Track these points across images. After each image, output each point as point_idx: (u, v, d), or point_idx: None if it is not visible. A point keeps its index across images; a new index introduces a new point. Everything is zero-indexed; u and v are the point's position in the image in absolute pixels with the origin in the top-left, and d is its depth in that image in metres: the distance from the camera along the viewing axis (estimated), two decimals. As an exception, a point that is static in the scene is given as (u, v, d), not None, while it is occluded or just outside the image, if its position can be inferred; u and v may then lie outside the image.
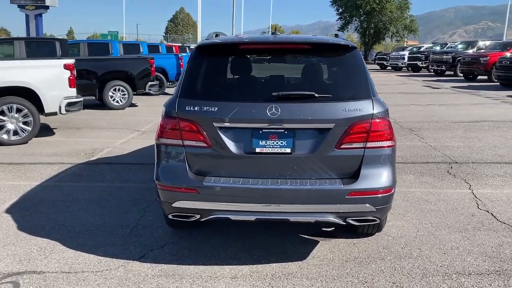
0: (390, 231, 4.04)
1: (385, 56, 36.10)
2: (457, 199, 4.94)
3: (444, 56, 24.84)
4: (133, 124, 9.70)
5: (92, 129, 9.14)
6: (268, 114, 3.11)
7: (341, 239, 3.88)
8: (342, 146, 3.14)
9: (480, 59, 20.28)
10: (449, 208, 4.65)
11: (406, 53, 30.78)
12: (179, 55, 16.08)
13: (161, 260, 3.52)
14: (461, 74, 22.51)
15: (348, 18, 52.89)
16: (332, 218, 3.15)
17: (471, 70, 21.25)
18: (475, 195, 5.06)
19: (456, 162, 6.50)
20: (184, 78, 3.34)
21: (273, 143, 3.15)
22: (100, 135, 8.53)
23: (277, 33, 3.70)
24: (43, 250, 3.68)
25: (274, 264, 3.45)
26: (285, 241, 3.84)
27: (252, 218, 3.21)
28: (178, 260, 3.52)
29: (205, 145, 3.20)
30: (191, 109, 3.19)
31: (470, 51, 23.53)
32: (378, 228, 3.83)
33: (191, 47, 28.42)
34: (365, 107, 3.16)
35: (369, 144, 3.15)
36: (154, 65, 12.30)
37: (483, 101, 13.91)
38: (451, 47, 28.53)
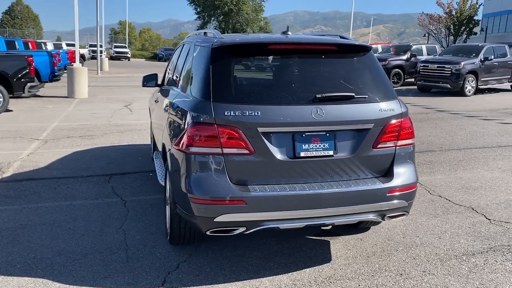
0: (380, 223, 4.26)
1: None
2: (409, 187, 5.44)
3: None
4: (25, 132, 8.40)
5: (-23, 140, 7.66)
6: (313, 116, 3.03)
7: (346, 236, 3.97)
8: (379, 146, 3.22)
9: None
10: (410, 197, 5.09)
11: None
12: (53, 52, 14.38)
13: (188, 282, 3.18)
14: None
15: (206, 18, 53.46)
16: (372, 217, 3.21)
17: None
18: (420, 183, 5.63)
19: (380, 154, 7.13)
20: (213, 80, 3.05)
21: (316, 146, 3.08)
22: (-7, 147, 7.20)
23: (289, 33, 3.62)
24: (36, 291, 3.01)
25: (307, 269, 3.39)
26: (299, 244, 3.79)
27: (301, 224, 3.10)
28: (206, 280, 3.21)
29: (247, 152, 2.97)
30: (232, 114, 2.93)
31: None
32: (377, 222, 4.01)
33: (47, 43, 25.61)
34: (396, 107, 3.29)
35: (399, 143, 3.30)
36: (33, 64, 10.80)
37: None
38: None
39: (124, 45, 53.81)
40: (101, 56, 29.12)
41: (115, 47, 51.17)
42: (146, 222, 4.22)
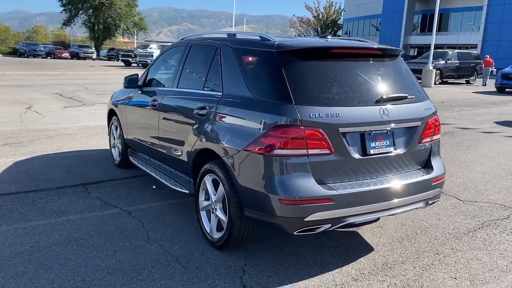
0: (384, 211, 4.69)
1: (130, 53, 36.14)
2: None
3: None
4: None
5: None
6: (381, 116, 3.27)
7: (366, 226, 4.29)
8: (422, 141, 3.60)
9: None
10: (387, 186, 5.65)
11: (155, 50, 31.55)
12: None
13: (268, 284, 3.18)
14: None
15: (74, 11, 49.56)
16: (421, 204, 3.58)
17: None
18: (384, 173, 6.25)
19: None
20: (289, 83, 3.10)
21: (381, 143, 3.34)
22: None
23: (328, 37, 3.79)
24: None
25: (361, 259, 3.63)
26: (336, 237, 4.00)
27: (375, 217, 3.32)
28: (282, 279, 3.25)
29: (328, 152, 3.10)
30: (316, 115, 3.03)
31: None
32: None
33: None
34: (431, 106, 3.71)
35: (434, 137, 3.73)
36: None
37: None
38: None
39: (-24, 38, 47.19)
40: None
41: (-35, 41, 44.54)
42: (170, 231, 4.02)
